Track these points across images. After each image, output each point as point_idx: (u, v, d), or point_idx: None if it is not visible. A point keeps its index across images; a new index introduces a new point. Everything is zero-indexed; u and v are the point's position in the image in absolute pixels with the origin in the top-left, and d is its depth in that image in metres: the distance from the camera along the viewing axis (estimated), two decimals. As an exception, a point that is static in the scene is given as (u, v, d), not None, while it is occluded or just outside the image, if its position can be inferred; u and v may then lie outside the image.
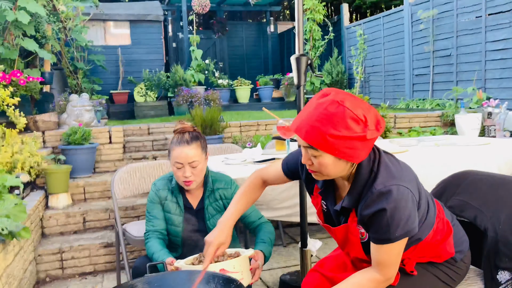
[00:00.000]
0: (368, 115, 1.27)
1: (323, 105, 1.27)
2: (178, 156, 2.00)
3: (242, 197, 1.70)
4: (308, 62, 2.37)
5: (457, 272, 1.56)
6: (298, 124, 1.31)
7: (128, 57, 9.24)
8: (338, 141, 1.25)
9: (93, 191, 3.98)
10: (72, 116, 4.58)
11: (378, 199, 1.30)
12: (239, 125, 5.25)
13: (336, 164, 1.31)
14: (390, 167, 1.36)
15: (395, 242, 1.33)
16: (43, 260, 3.24)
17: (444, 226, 1.52)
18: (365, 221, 1.35)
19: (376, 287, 1.41)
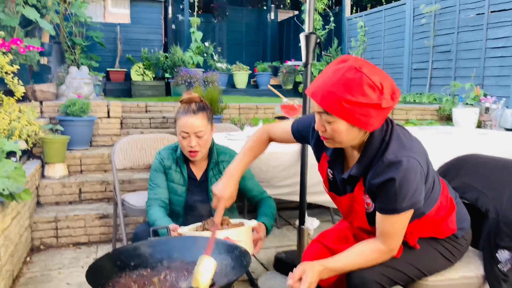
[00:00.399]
0: (385, 83, 1.27)
1: (341, 70, 1.26)
2: (184, 125, 2.00)
3: (249, 151, 1.72)
4: (317, 41, 2.37)
5: (458, 249, 1.59)
6: (314, 89, 1.31)
7: (126, 36, 9.15)
8: (353, 107, 1.25)
9: (90, 163, 3.97)
10: (71, 88, 4.54)
11: (388, 168, 1.31)
12: (238, 107, 5.25)
13: (349, 131, 1.32)
14: (402, 138, 1.37)
15: (401, 213, 1.35)
16: (38, 228, 3.23)
17: (447, 203, 1.55)
18: (373, 190, 1.37)
19: (379, 257, 1.43)
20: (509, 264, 1.59)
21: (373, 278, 1.42)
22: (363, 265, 1.42)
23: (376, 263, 1.44)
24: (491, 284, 1.59)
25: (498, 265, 1.59)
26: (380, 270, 1.44)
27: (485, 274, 1.62)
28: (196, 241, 1.67)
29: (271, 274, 2.74)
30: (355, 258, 1.42)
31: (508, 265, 1.58)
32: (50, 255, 3.12)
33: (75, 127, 4.08)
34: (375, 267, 1.44)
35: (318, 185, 2.66)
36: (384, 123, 1.40)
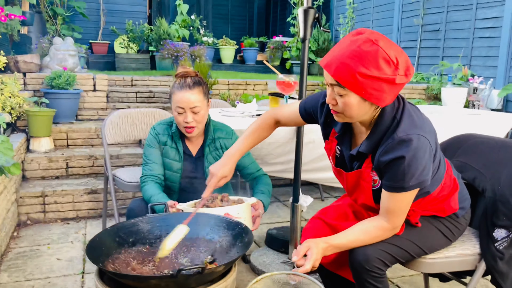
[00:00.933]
0: (400, 58, 1.25)
1: (357, 42, 1.24)
2: (180, 101, 1.96)
3: (251, 134, 1.69)
4: (315, 15, 2.33)
5: (458, 228, 1.61)
6: (328, 60, 1.28)
7: (110, 7, 8.86)
8: (367, 80, 1.23)
9: (76, 137, 3.88)
10: (55, 60, 4.40)
11: (399, 146, 1.30)
12: (227, 83, 5.18)
13: (360, 105, 1.30)
14: (413, 116, 1.36)
15: (407, 191, 1.35)
16: (25, 203, 3.17)
17: (451, 182, 1.56)
18: (381, 167, 1.36)
19: (382, 234, 1.44)
20: (505, 242, 1.61)
21: (375, 255, 1.43)
22: (366, 242, 1.43)
23: (379, 240, 1.45)
24: (487, 261, 1.62)
25: (494, 243, 1.61)
26: (382, 247, 1.45)
27: (481, 252, 1.64)
28: (195, 217, 1.65)
29: (263, 250, 2.76)
30: (359, 235, 1.43)
31: (504, 243, 1.61)
32: (38, 230, 3.07)
33: (60, 100, 3.97)
34: (378, 244, 1.45)
35: (312, 163, 2.67)
36: (396, 100, 1.38)
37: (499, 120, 2.91)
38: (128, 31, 7.82)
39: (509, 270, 1.62)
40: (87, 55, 5.71)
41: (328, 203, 3.55)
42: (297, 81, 2.52)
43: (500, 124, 2.90)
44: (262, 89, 5.29)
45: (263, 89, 5.28)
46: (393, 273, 2.51)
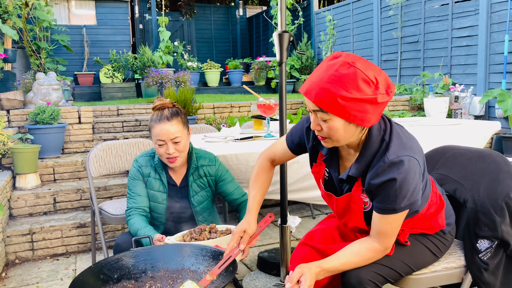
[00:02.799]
0: (379, 77, 1.25)
1: (334, 66, 1.24)
2: (159, 133, 1.96)
3: (255, 183, 1.67)
4: (290, 39, 2.36)
5: (445, 244, 1.62)
6: (308, 87, 1.28)
7: (93, 38, 8.95)
8: (349, 103, 1.22)
9: (63, 171, 3.86)
10: (39, 95, 4.41)
11: (389, 168, 1.30)
12: (213, 106, 5.21)
13: (346, 128, 1.29)
14: (402, 137, 1.36)
15: (399, 212, 1.35)
16: (13, 242, 3.13)
17: (437, 199, 1.57)
18: (373, 190, 1.35)
19: (374, 256, 1.43)
20: (489, 253, 1.62)
21: (368, 277, 1.42)
22: (359, 264, 1.42)
23: (371, 262, 1.44)
24: (472, 273, 1.62)
25: (479, 254, 1.62)
26: (374, 269, 1.45)
27: (466, 264, 1.65)
28: (180, 249, 1.64)
29: (255, 274, 2.74)
30: (351, 258, 1.41)
31: (488, 254, 1.62)
32: (27, 269, 3.03)
33: (45, 135, 3.97)
34: (370, 266, 1.44)
35: (297, 183, 2.68)
36: (382, 121, 1.39)
37: (479, 128, 2.95)
38: (112, 61, 7.87)
39: (495, 280, 1.62)
40: (71, 87, 5.72)
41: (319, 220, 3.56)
42: (277, 102, 2.55)
43: (481, 132, 2.94)
44: (248, 111, 5.32)
45: (248, 111, 5.32)
46: None
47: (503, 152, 4.80)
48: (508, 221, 1.61)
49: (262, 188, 1.67)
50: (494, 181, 1.68)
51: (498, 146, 4.98)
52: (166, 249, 1.66)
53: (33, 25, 6.94)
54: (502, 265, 1.66)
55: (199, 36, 11.89)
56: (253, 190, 1.66)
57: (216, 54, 11.85)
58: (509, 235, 1.59)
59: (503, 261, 1.66)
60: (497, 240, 1.61)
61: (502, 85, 5.23)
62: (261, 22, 11.51)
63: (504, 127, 5.17)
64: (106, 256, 2.52)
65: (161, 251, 1.65)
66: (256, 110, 2.80)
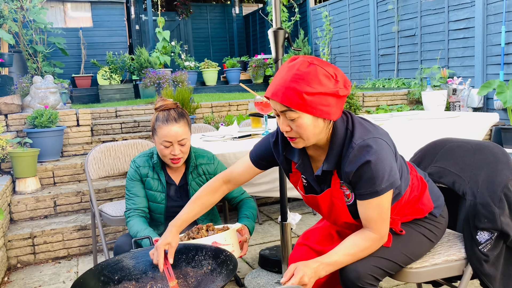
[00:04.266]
0: (337, 73, 1.33)
1: (295, 66, 1.31)
2: (167, 135, 1.94)
3: (196, 200, 1.66)
4: (285, 36, 2.36)
5: (438, 227, 1.62)
6: (273, 90, 1.33)
7: (90, 40, 8.94)
8: (314, 98, 1.29)
9: (63, 174, 3.86)
10: (36, 99, 4.40)
11: (360, 153, 1.34)
12: (211, 105, 5.21)
13: (314, 124, 1.34)
14: (363, 124, 1.42)
15: (382, 195, 1.37)
16: (14, 246, 3.13)
17: (418, 182, 1.59)
18: (351, 178, 1.38)
19: (371, 245, 1.43)
20: (489, 244, 1.62)
21: (367, 271, 1.42)
22: (357, 255, 1.42)
23: (370, 252, 1.44)
24: (473, 265, 1.62)
25: (478, 246, 1.62)
26: (372, 262, 1.45)
27: (466, 256, 1.65)
28: (179, 249, 1.64)
29: (256, 272, 2.74)
30: (349, 250, 1.41)
31: (488, 246, 1.62)
32: (29, 273, 3.03)
33: (44, 138, 3.97)
34: (368, 259, 1.44)
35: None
36: (343, 115, 1.44)
37: (478, 120, 2.95)
38: (110, 63, 7.86)
39: (495, 272, 1.62)
40: (69, 90, 5.71)
41: (320, 216, 3.56)
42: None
43: (479, 124, 2.94)
44: (246, 109, 5.32)
45: (246, 109, 5.31)
46: (387, 283, 2.51)
47: (503, 144, 4.80)
48: (507, 212, 1.61)
49: (200, 208, 1.66)
50: (493, 173, 1.68)
51: (498, 138, 4.98)
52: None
53: (29, 29, 6.93)
54: (502, 257, 1.66)
55: (196, 36, 11.88)
56: (190, 207, 1.65)
57: (213, 53, 11.84)
58: (508, 226, 1.59)
59: (503, 253, 1.66)
60: (496, 232, 1.61)
61: (500, 76, 5.22)
62: (258, 20, 11.49)
63: (502, 119, 5.17)
64: (107, 258, 2.53)
65: (161, 251, 1.65)
66: (253, 108, 2.79)
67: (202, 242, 1.66)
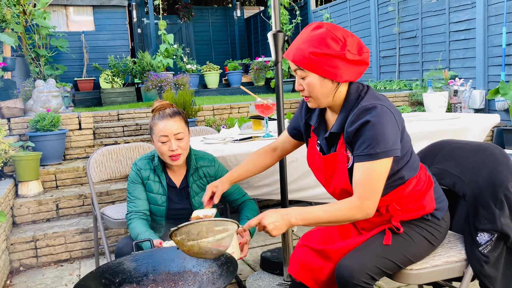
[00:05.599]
0: (348, 38, 1.41)
1: (308, 29, 1.45)
2: (163, 129, 1.97)
3: (249, 160, 1.82)
4: (285, 38, 2.37)
5: (439, 231, 1.62)
6: (288, 51, 1.47)
7: (92, 44, 8.97)
8: (320, 58, 1.39)
9: (65, 178, 3.88)
10: (38, 103, 4.43)
11: (363, 114, 1.39)
12: (212, 108, 5.22)
13: (322, 84, 1.43)
14: (376, 94, 1.48)
15: (376, 160, 1.36)
16: (16, 249, 3.14)
17: (426, 178, 1.61)
18: (351, 138, 1.42)
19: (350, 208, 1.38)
20: (489, 245, 1.62)
21: (363, 269, 1.43)
22: (334, 214, 1.37)
23: (347, 216, 1.38)
24: (473, 266, 1.62)
25: (479, 248, 1.62)
26: (368, 260, 1.45)
27: (467, 258, 1.65)
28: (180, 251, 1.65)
29: (258, 274, 2.74)
30: (326, 207, 1.38)
31: (489, 247, 1.62)
32: (31, 276, 3.04)
33: (46, 142, 3.98)
34: (366, 257, 1.45)
35: (297, 181, 2.69)
36: (361, 85, 1.51)
37: (479, 122, 2.95)
38: (112, 66, 7.89)
39: (496, 273, 1.62)
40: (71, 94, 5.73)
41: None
42: (275, 102, 2.55)
43: (480, 125, 2.94)
44: (247, 111, 5.33)
45: (248, 111, 5.33)
46: (388, 284, 2.50)
47: (504, 145, 4.79)
48: (508, 213, 1.61)
49: (252, 166, 1.82)
50: (493, 174, 1.68)
51: (499, 139, 4.97)
52: (167, 252, 1.67)
53: (32, 33, 6.97)
54: (503, 258, 1.66)
55: (198, 39, 11.91)
56: (244, 163, 1.83)
57: (215, 56, 11.87)
58: (508, 227, 1.59)
59: (504, 254, 1.66)
60: (496, 233, 1.60)
61: (501, 77, 5.22)
62: (259, 23, 11.52)
63: (504, 120, 5.16)
64: (109, 261, 2.53)
65: (162, 254, 1.66)
66: (254, 110, 2.80)
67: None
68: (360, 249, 1.51)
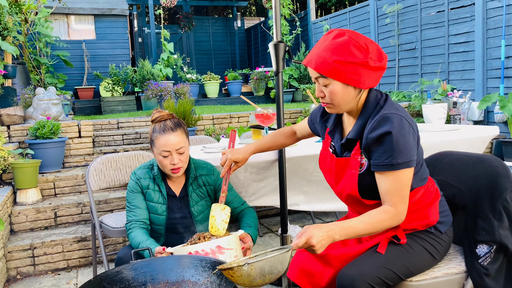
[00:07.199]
0: (370, 45, 1.41)
1: (329, 37, 1.44)
2: (165, 144, 1.96)
3: (269, 136, 1.94)
4: (286, 49, 2.39)
5: (442, 245, 1.62)
6: (309, 59, 1.46)
7: (93, 52, 9.02)
8: (343, 66, 1.39)
9: (64, 185, 3.87)
10: (38, 110, 4.43)
11: (384, 122, 1.40)
12: (212, 117, 5.23)
13: (344, 91, 1.44)
14: (395, 104, 1.49)
15: (398, 170, 1.40)
16: (14, 257, 3.13)
17: (434, 190, 1.62)
18: (370, 145, 1.44)
19: (388, 218, 1.42)
20: (488, 258, 1.62)
21: (364, 279, 1.42)
22: (374, 226, 1.41)
23: (387, 226, 1.43)
24: (473, 279, 1.61)
25: (478, 260, 1.62)
26: (369, 270, 1.45)
27: (467, 270, 1.64)
28: (179, 260, 1.64)
29: (257, 285, 2.73)
30: (365, 219, 1.41)
31: (488, 259, 1.61)
32: (28, 284, 3.02)
33: (45, 149, 3.98)
34: (367, 267, 1.44)
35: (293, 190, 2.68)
36: (379, 93, 1.52)
37: (478, 133, 2.96)
38: (112, 75, 7.92)
39: (496, 285, 1.61)
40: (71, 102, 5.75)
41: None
42: (275, 112, 2.56)
43: (479, 137, 2.94)
44: (247, 121, 5.34)
45: (247, 121, 5.33)
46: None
47: (504, 157, 4.80)
48: (507, 225, 1.61)
49: (272, 142, 1.95)
50: (492, 185, 1.68)
51: (498, 151, 4.98)
52: (166, 261, 1.66)
53: (33, 41, 7.00)
54: (504, 271, 1.66)
55: (198, 48, 11.97)
56: (266, 138, 1.95)
57: (215, 66, 11.92)
58: (507, 239, 1.59)
59: (505, 267, 1.66)
60: (495, 245, 1.60)
61: (500, 90, 5.24)
62: (259, 33, 11.58)
63: (503, 132, 5.17)
64: (107, 269, 2.52)
65: (160, 263, 1.65)
66: (254, 120, 2.81)
67: (205, 246, 1.66)
68: (362, 258, 1.51)
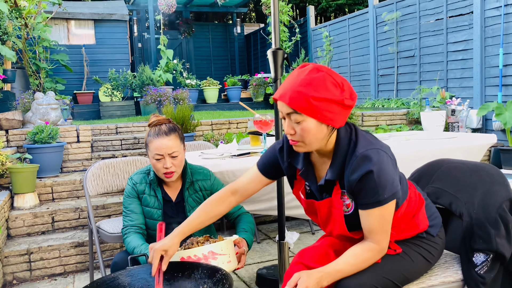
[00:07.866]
0: (344, 83, 1.38)
1: (304, 72, 1.37)
2: (158, 148, 1.97)
3: (202, 210, 1.65)
4: (284, 56, 2.39)
5: (436, 248, 1.62)
6: (281, 92, 1.38)
7: (92, 57, 9.04)
8: (320, 103, 1.33)
9: (62, 190, 3.86)
10: (37, 115, 4.43)
11: (363, 162, 1.37)
12: (211, 123, 5.23)
13: (318, 129, 1.38)
14: (365, 135, 1.46)
15: (385, 204, 1.39)
16: (10, 262, 3.11)
17: (416, 197, 1.61)
18: (353, 187, 1.40)
19: (372, 256, 1.45)
20: (485, 266, 1.62)
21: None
22: (359, 266, 1.43)
23: (371, 263, 1.45)
24: (470, 287, 1.62)
25: (475, 268, 1.62)
26: (366, 280, 1.44)
27: (463, 278, 1.64)
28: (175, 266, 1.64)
29: (254, 291, 2.72)
30: (349, 259, 1.42)
31: (485, 268, 1.61)
32: (24, 290, 3.01)
33: (44, 154, 3.98)
34: (361, 276, 1.44)
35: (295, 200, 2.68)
36: (347, 126, 1.48)
37: (475, 141, 2.96)
38: (112, 80, 7.93)
39: (493, 293, 1.62)
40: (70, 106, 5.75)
41: (319, 236, 3.54)
42: (273, 118, 2.56)
43: (477, 145, 2.95)
44: (246, 127, 5.35)
45: (246, 127, 5.34)
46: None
47: (501, 165, 4.81)
48: (503, 233, 1.61)
49: (204, 217, 1.65)
50: (488, 194, 1.68)
51: (496, 159, 4.99)
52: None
53: (33, 46, 7.02)
54: (500, 279, 1.66)
55: (198, 54, 12.00)
56: (194, 215, 1.65)
57: (214, 71, 11.94)
58: (503, 247, 1.59)
59: (501, 276, 1.66)
60: (492, 253, 1.60)
61: (498, 97, 5.26)
62: (259, 39, 11.62)
63: (501, 140, 5.19)
64: (104, 275, 2.51)
65: (157, 269, 1.65)
66: (252, 126, 2.81)
67: (198, 251, 1.65)
68: None
